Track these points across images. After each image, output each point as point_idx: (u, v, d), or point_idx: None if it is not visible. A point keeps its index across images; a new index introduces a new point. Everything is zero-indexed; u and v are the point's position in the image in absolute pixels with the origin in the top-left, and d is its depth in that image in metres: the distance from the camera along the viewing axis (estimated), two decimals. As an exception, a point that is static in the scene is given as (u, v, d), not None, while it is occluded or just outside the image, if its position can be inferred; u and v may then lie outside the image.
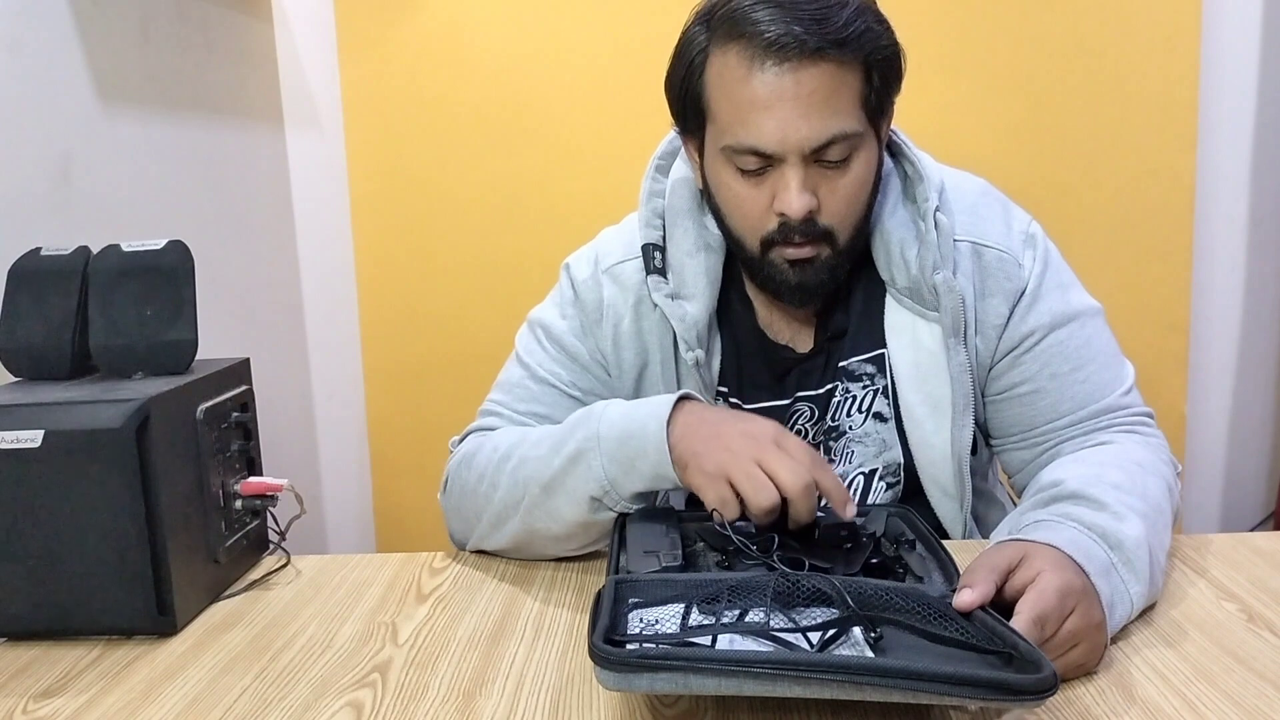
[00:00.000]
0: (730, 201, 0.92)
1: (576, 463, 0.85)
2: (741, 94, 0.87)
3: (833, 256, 0.92)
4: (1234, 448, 1.84)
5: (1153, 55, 1.65)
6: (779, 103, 0.85)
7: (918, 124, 1.05)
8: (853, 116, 0.87)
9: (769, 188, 0.89)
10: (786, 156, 0.87)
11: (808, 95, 0.85)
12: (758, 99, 0.85)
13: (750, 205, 0.91)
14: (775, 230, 0.90)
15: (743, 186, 0.90)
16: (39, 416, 0.80)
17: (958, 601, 0.69)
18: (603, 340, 1.01)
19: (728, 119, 0.88)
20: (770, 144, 0.86)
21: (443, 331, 1.81)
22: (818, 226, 0.89)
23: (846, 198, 0.90)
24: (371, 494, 1.91)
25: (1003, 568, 0.71)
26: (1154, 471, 0.87)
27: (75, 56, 1.18)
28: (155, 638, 0.83)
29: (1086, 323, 0.97)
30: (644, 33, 0.99)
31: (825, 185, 0.89)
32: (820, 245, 0.91)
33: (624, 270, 1.01)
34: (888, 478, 1.00)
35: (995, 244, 0.97)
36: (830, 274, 0.93)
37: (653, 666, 0.58)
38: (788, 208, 0.87)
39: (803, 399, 1.01)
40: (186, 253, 0.92)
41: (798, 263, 0.91)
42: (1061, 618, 0.68)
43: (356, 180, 1.79)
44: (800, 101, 0.85)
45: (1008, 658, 0.62)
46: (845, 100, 0.86)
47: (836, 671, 0.57)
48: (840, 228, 0.91)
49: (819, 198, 0.88)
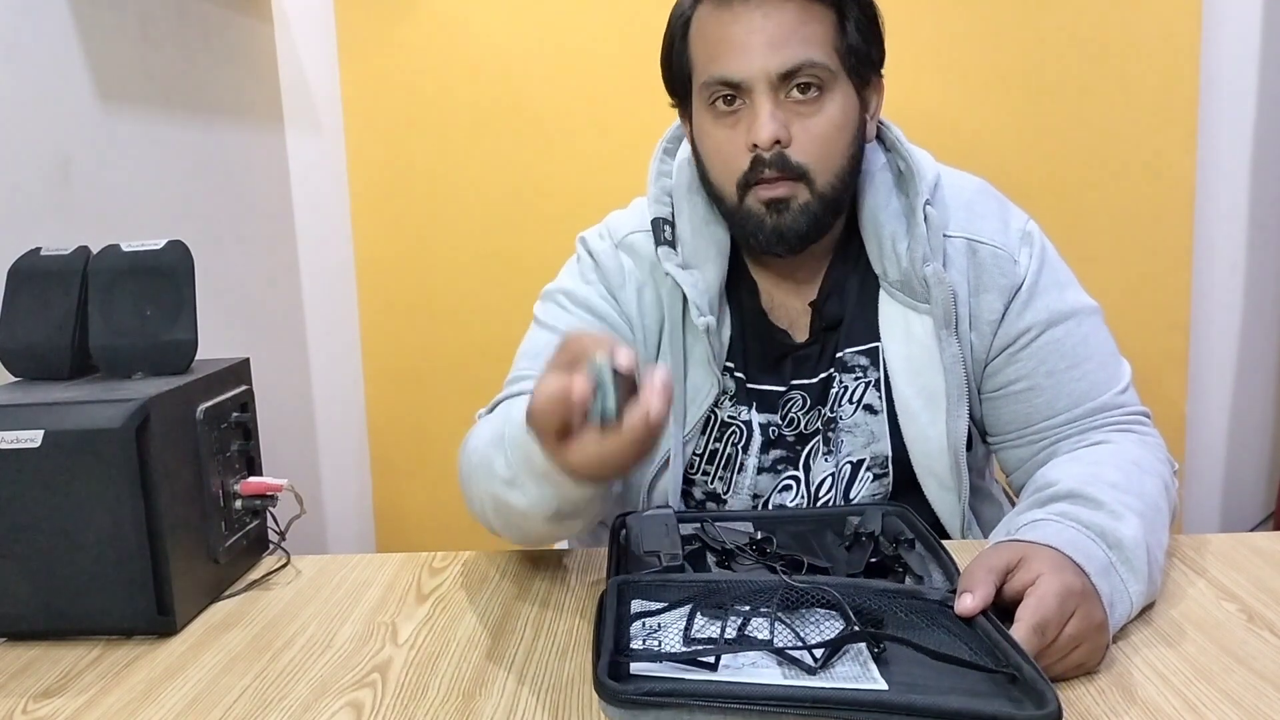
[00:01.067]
0: (710, 149, 0.95)
1: (515, 491, 0.79)
2: (713, 32, 0.92)
3: (811, 201, 0.92)
4: (1234, 448, 1.84)
5: (1153, 55, 1.65)
6: (747, 34, 0.89)
7: (918, 123, 1.05)
8: (822, 51, 0.90)
9: (743, 126, 0.91)
10: (755, 85, 0.89)
11: (775, 27, 0.89)
12: (728, 34, 0.90)
13: (727, 146, 0.92)
14: (749, 169, 0.91)
15: (719, 129, 0.93)
16: (39, 416, 0.80)
17: (959, 607, 0.69)
18: (627, 304, 1.02)
19: (704, 61, 0.93)
20: (738, 71, 0.90)
21: (443, 331, 1.81)
22: (790, 162, 0.90)
23: (819, 136, 0.91)
24: (371, 494, 1.91)
25: (1001, 569, 0.72)
26: (1151, 470, 0.87)
27: (75, 56, 1.18)
28: (155, 638, 0.83)
29: (1083, 321, 0.97)
30: (644, 32, 0.99)
31: (797, 121, 0.90)
32: (795, 185, 0.91)
33: (636, 240, 1.03)
34: (875, 469, 1.01)
35: (990, 240, 0.97)
36: (809, 220, 0.92)
37: (658, 704, 0.59)
38: (757, 135, 0.89)
39: (797, 387, 1.01)
40: (186, 253, 0.92)
41: (773, 204, 0.92)
42: (1062, 622, 0.68)
43: (356, 180, 1.79)
44: (768, 33, 0.89)
45: (1011, 677, 0.61)
46: (814, 34, 0.90)
47: (841, 707, 0.57)
48: (816, 168, 0.91)
49: (790, 132, 0.90)
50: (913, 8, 1.62)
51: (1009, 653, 0.62)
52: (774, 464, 1.02)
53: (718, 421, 1.02)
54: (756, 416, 1.02)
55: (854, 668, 0.64)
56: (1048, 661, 0.67)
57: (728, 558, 0.85)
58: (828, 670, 0.63)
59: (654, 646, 0.66)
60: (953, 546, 0.87)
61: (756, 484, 1.02)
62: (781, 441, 1.02)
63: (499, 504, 0.82)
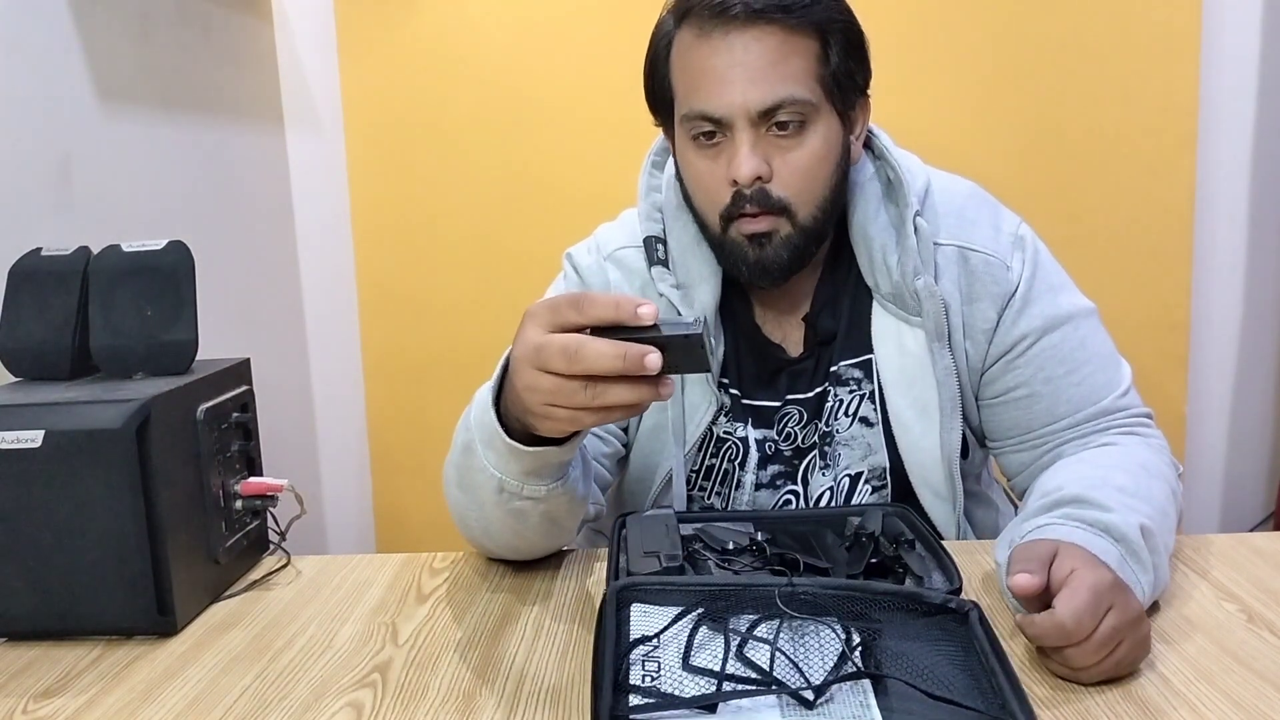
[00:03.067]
0: (693, 178, 0.94)
1: (469, 456, 0.81)
2: (694, 63, 0.89)
3: (794, 234, 0.91)
4: (1234, 448, 1.84)
5: (1153, 56, 1.65)
6: (728, 69, 0.87)
7: (917, 125, 1.05)
8: (803, 85, 0.88)
9: (724, 159, 0.90)
10: (735, 121, 0.88)
11: (754, 60, 0.87)
12: (707, 66, 0.88)
13: (709, 179, 0.91)
14: (731, 203, 0.90)
15: (701, 160, 0.92)
16: (39, 416, 0.80)
17: (1016, 582, 0.69)
18: None
19: (685, 91, 0.91)
20: (718, 108, 0.88)
21: (443, 331, 1.81)
22: (771, 197, 0.89)
23: (801, 169, 0.89)
24: (371, 494, 1.91)
25: (1046, 559, 0.72)
26: (1158, 474, 0.87)
27: (75, 56, 1.18)
28: (155, 638, 0.83)
29: (1080, 324, 0.97)
30: (643, 33, 0.99)
31: (778, 155, 0.89)
32: (777, 219, 0.90)
33: (627, 255, 1.02)
34: (873, 481, 1.01)
35: (982, 248, 0.97)
36: (791, 253, 0.92)
37: None
38: (736, 172, 0.88)
39: (793, 402, 1.01)
40: (187, 253, 0.92)
41: (755, 238, 0.91)
42: (1098, 615, 0.67)
43: (356, 180, 1.79)
44: (748, 67, 0.87)
45: None
46: (795, 68, 0.88)
47: None
48: (797, 201, 0.90)
49: (772, 167, 0.89)
50: (913, 10, 1.63)
51: (1009, 700, 0.61)
52: (772, 479, 1.02)
53: (714, 438, 1.02)
54: (753, 432, 1.02)
55: (853, 702, 0.63)
56: (1090, 661, 0.67)
57: (727, 558, 0.85)
58: (827, 706, 0.63)
59: (653, 671, 0.65)
60: (952, 547, 0.87)
61: (755, 500, 1.02)
62: (779, 456, 1.02)
63: (468, 514, 0.84)
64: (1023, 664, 0.72)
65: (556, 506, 0.82)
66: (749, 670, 0.65)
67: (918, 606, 0.70)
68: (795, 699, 0.63)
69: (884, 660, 0.66)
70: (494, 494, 0.80)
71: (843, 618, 0.69)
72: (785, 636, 0.67)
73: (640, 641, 0.67)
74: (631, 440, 1.04)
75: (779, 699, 0.63)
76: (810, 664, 0.65)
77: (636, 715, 0.61)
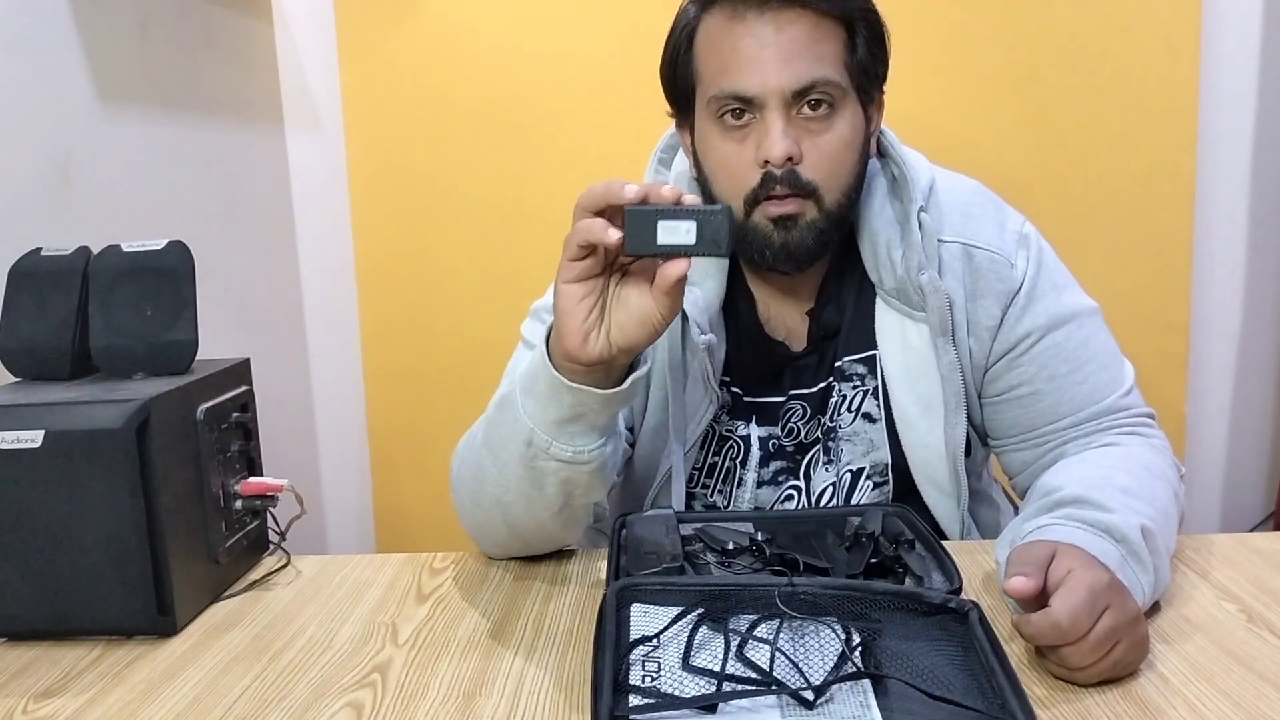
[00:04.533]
0: (716, 162, 0.93)
1: (504, 409, 0.83)
2: (725, 45, 0.90)
3: (819, 218, 0.91)
4: (1234, 448, 1.84)
5: (1153, 55, 1.65)
6: (761, 49, 0.88)
7: (918, 124, 1.05)
8: (834, 69, 0.89)
9: (752, 141, 0.90)
10: (768, 101, 0.88)
11: (789, 42, 0.88)
12: (740, 47, 0.89)
13: (735, 161, 0.91)
14: (759, 185, 0.90)
15: (727, 143, 0.92)
16: (39, 416, 0.80)
17: (1012, 585, 0.70)
18: None
19: (713, 73, 0.91)
20: (752, 87, 0.88)
21: (443, 331, 1.81)
22: (801, 179, 0.89)
23: (830, 153, 0.90)
24: (371, 494, 1.91)
25: (1043, 562, 0.72)
26: (1160, 475, 0.87)
27: (75, 56, 1.18)
28: (155, 638, 0.83)
29: (1084, 323, 0.97)
30: (643, 32, 0.99)
31: (808, 138, 0.90)
32: (805, 202, 0.90)
33: None
34: (875, 477, 1.01)
35: (986, 245, 0.97)
36: (816, 238, 0.92)
37: None
38: (769, 152, 0.88)
39: (796, 397, 1.01)
40: (187, 253, 0.92)
41: (781, 221, 0.91)
42: (1094, 615, 0.67)
43: (356, 180, 1.79)
44: (781, 48, 0.88)
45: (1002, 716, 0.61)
46: (827, 51, 0.89)
47: None
48: (825, 186, 0.90)
49: (801, 149, 0.89)
50: (913, 9, 1.62)
51: (1010, 701, 0.61)
52: (775, 475, 1.02)
53: (715, 436, 1.02)
54: (756, 430, 1.02)
55: (853, 702, 0.63)
56: (1087, 661, 0.67)
57: (727, 558, 0.85)
58: (827, 706, 0.63)
59: (653, 671, 0.65)
60: (952, 547, 0.87)
61: (757, 497, 1.02)
62: (782, 452, 1.02)
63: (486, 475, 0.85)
64: (1022, 664, 0.72)
65: (576, 477, 0.82)
66: (749, 670, 0.65)
67: (918, 606, 0.71)
68: (795, 699, 0.63)
69: (884, 660, 0.66)
70: (521, 447, 0.81)
71: (843, 618, 0.69)
72: (785, 636, 0.67)
73: (640, 641, 0.68)
74: (635, 440, 1.04)
75: (779, 699, 0.63)
76: (810, 664, 0.65)
77: (636, 715, 0.61)
